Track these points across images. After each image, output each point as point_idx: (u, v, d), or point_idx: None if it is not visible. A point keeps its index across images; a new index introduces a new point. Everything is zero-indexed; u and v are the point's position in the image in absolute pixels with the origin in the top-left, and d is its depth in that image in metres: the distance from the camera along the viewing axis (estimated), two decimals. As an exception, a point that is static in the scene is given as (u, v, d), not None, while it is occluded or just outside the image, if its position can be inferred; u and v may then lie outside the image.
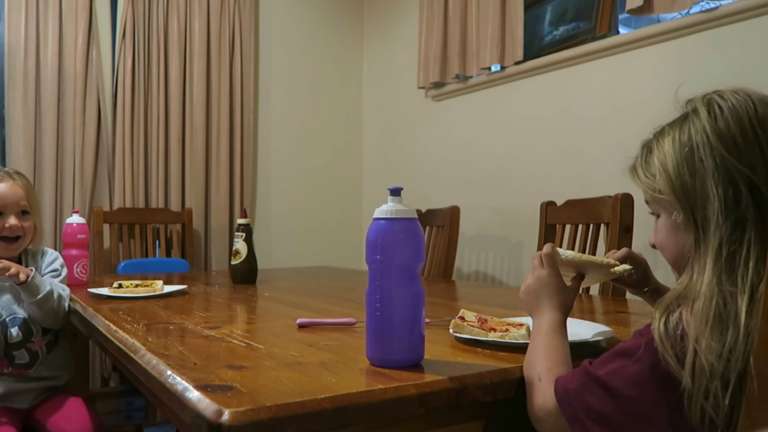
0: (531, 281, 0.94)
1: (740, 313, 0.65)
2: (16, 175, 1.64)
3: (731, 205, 0.69)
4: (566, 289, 0.93)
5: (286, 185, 3.34)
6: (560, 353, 0.84)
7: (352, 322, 1.19)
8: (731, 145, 0.70)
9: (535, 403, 0.81)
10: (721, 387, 0.64)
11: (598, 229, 1.94)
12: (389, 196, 0.85)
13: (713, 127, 0.72)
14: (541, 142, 2.50)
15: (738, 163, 0.69)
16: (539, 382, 0.81)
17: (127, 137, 2.83)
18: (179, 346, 0.99)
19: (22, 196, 1.61)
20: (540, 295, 0.92)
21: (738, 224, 0.69)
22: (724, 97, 0.74)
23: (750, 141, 0.70)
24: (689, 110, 0.77)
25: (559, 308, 0.91)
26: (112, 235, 2.76)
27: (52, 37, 2.70)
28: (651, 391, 0.69)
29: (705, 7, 1.91)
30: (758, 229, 0.68)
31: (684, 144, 0.74)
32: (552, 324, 0.88)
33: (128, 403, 1.95)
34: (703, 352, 0.65)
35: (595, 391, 0.73)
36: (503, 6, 2.55)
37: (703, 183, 0.71)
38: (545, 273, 0.93)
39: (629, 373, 0.70)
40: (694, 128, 0.74)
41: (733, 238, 0.69)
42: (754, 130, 0.70)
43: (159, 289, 1.66)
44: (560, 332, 0.88)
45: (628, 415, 0.70)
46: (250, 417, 0.65)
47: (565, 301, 0.92)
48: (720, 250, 0.69)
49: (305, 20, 3.40)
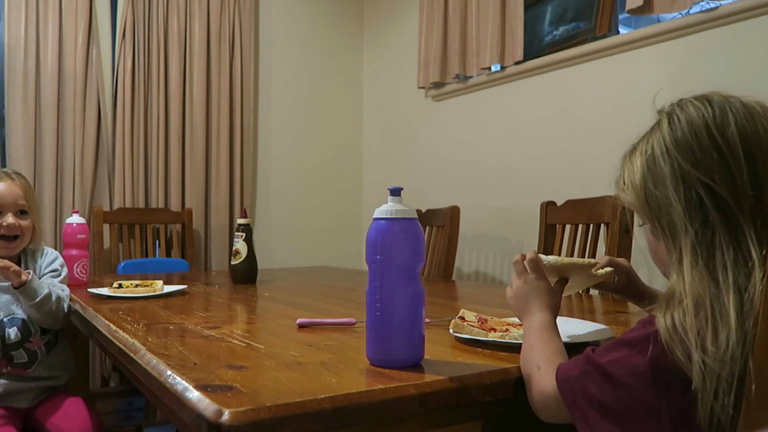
0: (519, 285, 0.97)
1: (729, 313, 0.65)
2: (14, 175, 1.65)
3: (694, 209, 0.71)
4: (553, 290, 0.97)
5: (286, 185, 3.34)
6: (556, 345, 0.86)
7: (352, 322, 1.19)
8: (688, 153, 0.73)
9: (534, 390, 0.81)
10: (725, 388, 0.64)
11: (598, 229, 1.94)
12: (389, 196, 0.85)
13: (672, 137, 0.75)
14: (541, 141, 2.50)
15: (695, 171, 0.71)
16: (538, 371, 0.81)
17: (127, 137, 2.83)
18: (179, 346, 0.99)
19: (20, 196, 1.62)
20: (529, 298, 0.95)
21: (706, 227, 0.70)
22: (684, 106, 0.77)
23: (707, 148, 0.72)
24: (655, 122, 0.80)
25: (549, 308, 0.93)
26: (112, 235, 2.76)
27: (52, 37, 2.70)
28: (651, 383, 0.69)
29: (705, 7, 1.91)
30: (728, 231, 0.69)
31: (648, 155, 0.77)
32: (543, 322, 0.90)
33: (128, 403, 1.95)
34: (703, 352, 0.65)
35: (597, 379, 0.73)
36: (503, 6, 2.55)
37: (665, 190, 0.74)
38: (532, 277, 0.96)
39: (632, 363, 0.70)
40: (655, 139, 0.77)
41: (705, 240, 0.70)
42: (712, 137, 0.72)
43: (159, 289, 1.66)
44: (552, 329, 0.90)
45: (628, 404, 0.70)
46: (250, 417, 0.65)
47: (553, 302, 0.95)
48: (695, 252, 0.70)
49: (305, 20, 3.40)
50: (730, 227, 0.70)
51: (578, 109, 2.35)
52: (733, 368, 0.64)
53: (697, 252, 0.70)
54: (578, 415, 0.74)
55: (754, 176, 0.70)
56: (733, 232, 0.69)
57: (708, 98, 0.76)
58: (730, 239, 0.69)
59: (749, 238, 0.68)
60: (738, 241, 0.69)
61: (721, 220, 0.70)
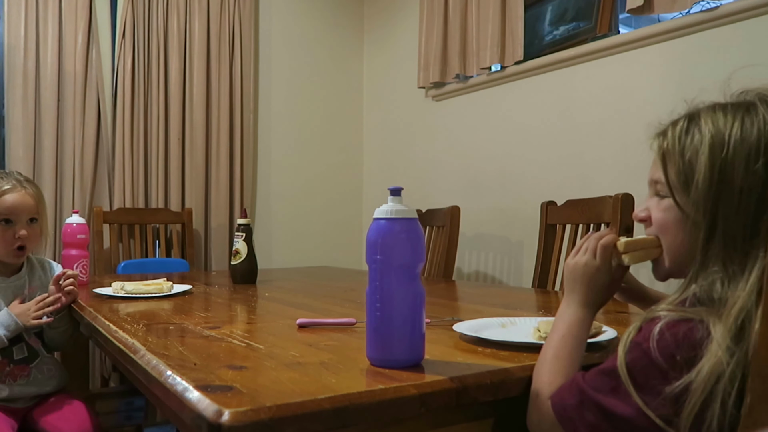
0: (580, 263, 0.87)
1: (755, 323, 0.64)
2: (26, 183, 1.64)
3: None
4: (607, 287, 0.87)
5: (286, 185, 3.34)
6: (567, 363, 0.81)
7: (353, 322, 1.19)
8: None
9: (532, 418, 0.80)
10: (730, 391, 0.64)
11: (598, 229, 1.94)
12: (389, 196, 0.85)
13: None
14: (541, 141, 2.50)
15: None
16: (537, 398, 0.80)
17: (127, 137, 2.83)
18: (179, 347, 0.99)
19: (33, 206, 1.62)
20: (580, 283, 0.86)
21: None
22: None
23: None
24: (756, 100, 0.70)
25: (591, 305, 0.86)
26: (112, 235, 2.76)
27: (51, 37, 2.70)
28: (645, 414, 0.68)
29: (705, 6, 1.91)
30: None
31: (749, 140, 0.67)
32: (572, 323, 0.85)
33: (128, 403, 1.95)
34: (722, 358, 0.64)
35: (594, 411, 0.72)
36: (503, 5, 2.55)
37: (763, 192, 0.66)
38: (595, 265, 0.86)
39: (623, 394, 0.69)
40: (765, 125, 0.67)
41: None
42: None
43: (168, 289, 1.64)
44: (578, 335, 0.84)
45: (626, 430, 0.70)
46: (250, 417, 0.65)
47: (599, 299, 0.87)
48: (758, 267, 0.66)
49: (305, 20, 3.40)
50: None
51: (578, 109, 2.35)
52: (741, 372, 0.64)
53: (765, 270, 0.65)
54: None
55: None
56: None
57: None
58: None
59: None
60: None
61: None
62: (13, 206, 1.58)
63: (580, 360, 0.83)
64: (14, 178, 1.63)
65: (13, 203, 1.58)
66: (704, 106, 0.75)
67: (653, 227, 0.82)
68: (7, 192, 1.58)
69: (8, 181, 1.60)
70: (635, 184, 1.85)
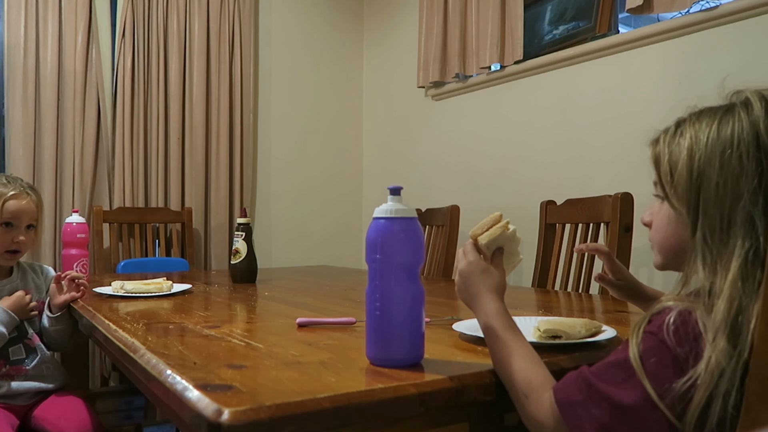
0: (464, 269, 0.92)
1: (752, 319, 0.64)
2: (30, 190, 1.69)
3: (763, 212, 0.66)
4: (493, 269, 0.92)
5: (286, 184, 3.34)
6: (525, 357, 0.81)
7: (352, 322, 1.19)
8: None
9: (531, 417, 0.78)
10: (730, 390, 0.64)
11: (598, 228, 1.94)
12: (389, 195, 0.85)
13: (766, 125, 0.68)
14: (540, 141, 2.50)
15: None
16: (527, 400, 0.78)
17: (126, 137, 2.83)
18: (179, 346, 0.99)
19: (34, 213, 1.67)
20: (472, 282, 0.91)
21: (758, 237, 0.67)
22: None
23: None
24: (737, 101, 0.72)
25: (495, 291, 0.89)
26: (111, 235, 2.76)
27: (51, 37, 2.70)
28: (655, 405, 0.67)
29: (705, 6, 1.91)
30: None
31: (724, 137, 0.69)
32: (497, 318, 0.86)
33: (128, 402, 1.95)
34: (719, 353, 0.64)
35: (603, 406, 0.70)
36: (503, 5, 2.55)
37: (736, 184, 0.68)
38: (468, 260, 0.92)
39: (633, 385, 0.68)
40: (740, 122, 0.69)
41: (759, 243, 0.66)
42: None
43: (167, 288, 1.66)
44: (510, 321, 0.86)
45: (635, 426, 0.69)
46: (249, 416, 0.65)
47: (497, 282, 0.91)
48: (748, 254, 0.66)
49: (305, 20, 3.40)
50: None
51: (578, 109, 2.35)
52: (740, 370, 0.64)
53: (749, 254, 0.66)
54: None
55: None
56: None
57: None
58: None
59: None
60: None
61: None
62: (18, 211, 1.62)
63: (530, 346, 0.84)
64: (19, 184, 1.67)
65: (18, 208, 1.62)
66: (693, 111, 0.78)
67: (652, 230, 0.83)
68: (13, 197, 1.62)
69: (15, 186, 1.65)
70: (635, 183, 1.85)
